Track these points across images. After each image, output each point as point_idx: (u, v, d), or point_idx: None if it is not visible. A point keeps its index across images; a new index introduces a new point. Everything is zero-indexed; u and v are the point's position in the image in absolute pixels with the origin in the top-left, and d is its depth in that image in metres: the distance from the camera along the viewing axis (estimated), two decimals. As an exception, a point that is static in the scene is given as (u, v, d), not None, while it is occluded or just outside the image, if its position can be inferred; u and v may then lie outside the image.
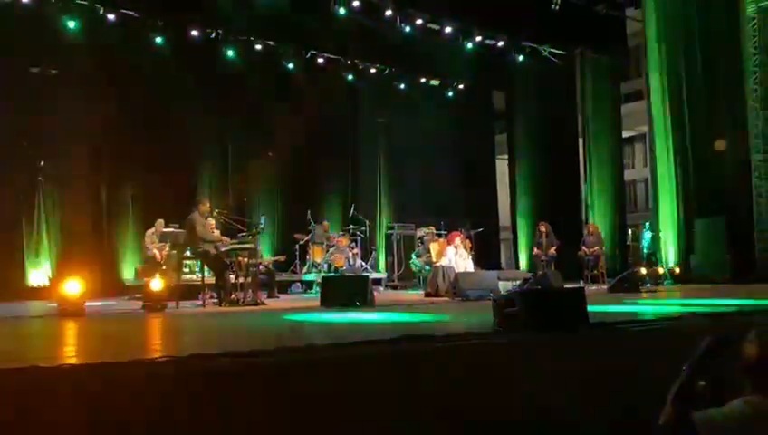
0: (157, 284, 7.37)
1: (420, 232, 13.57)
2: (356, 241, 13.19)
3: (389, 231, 14.30)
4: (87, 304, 6.89)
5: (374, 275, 12.21)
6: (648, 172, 15.15)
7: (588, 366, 4.04)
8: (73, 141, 11.10)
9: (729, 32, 13.67)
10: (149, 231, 10.76)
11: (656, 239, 14.26)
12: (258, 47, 13.03)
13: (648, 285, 10.54)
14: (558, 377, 3.81)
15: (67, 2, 11.03)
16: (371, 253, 14.22)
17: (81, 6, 11.18)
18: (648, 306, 7.63)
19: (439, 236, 12.95)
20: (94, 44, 11.23)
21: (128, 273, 11.45)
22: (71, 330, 5.67)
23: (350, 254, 12.52)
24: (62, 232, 11.07)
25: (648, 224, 15.99)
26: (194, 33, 12.19)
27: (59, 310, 6.59)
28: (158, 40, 11.89)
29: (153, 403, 2.81)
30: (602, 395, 3.88)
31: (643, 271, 10.86)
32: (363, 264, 13.07)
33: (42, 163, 10.77)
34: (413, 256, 13.14)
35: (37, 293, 10.36)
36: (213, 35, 12.49)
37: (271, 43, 13.13)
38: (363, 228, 13.61)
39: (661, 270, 12.84)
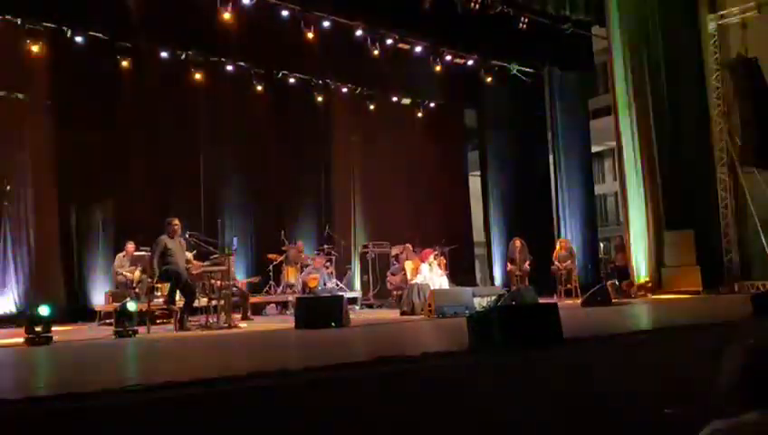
0: (127, 308, 7.24)
1: (395, 250, 13.54)
2: (330, 260, 13.12)
3: (364, 250, 14.25)
4: (56, 330, 6.75)
5: (349, 295, 12.14)
6: (618, 186, 15.35)
7: (562, 381, 4.05)
8: (40, 165, 10.91)
9: (692, 48, 14.02)
10: (120, 255, 10.59)
11: (626, 253, 14.41)
12: (229, 68, 12.99)
13: (621, 298, 10.64)
14: (533, 393, 3.82)
15: (34, 24, 10.89)
16: (346, 272, 14.14)
17: (48, 29, 11.04)
18: (621, 320, 7.70)
19: (416, 253, 12.93)
20: (61, 67, 11.10)
21: (98, 298, 11.23)
22: (39, 358, 5.54)
23: (325, 273, 12.45)
24: (29, 257, 10.83)
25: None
26: (163, 54, 12.11)
27: (27, 338, 6.43)
28: (126, 62, 11.77)
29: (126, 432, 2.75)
30: (577, 409, 3.89)
31: (616, 284, 10.97)
32: (338, 283, 12.99)
33: (8, 187, 10.55)
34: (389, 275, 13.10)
35: (4, 321, 10.10)
36: (183, 57, 12.43)
37: (241, 63, 13.10)
38: (338, 248, 13.56)
39: (633, 283, 12.99)
